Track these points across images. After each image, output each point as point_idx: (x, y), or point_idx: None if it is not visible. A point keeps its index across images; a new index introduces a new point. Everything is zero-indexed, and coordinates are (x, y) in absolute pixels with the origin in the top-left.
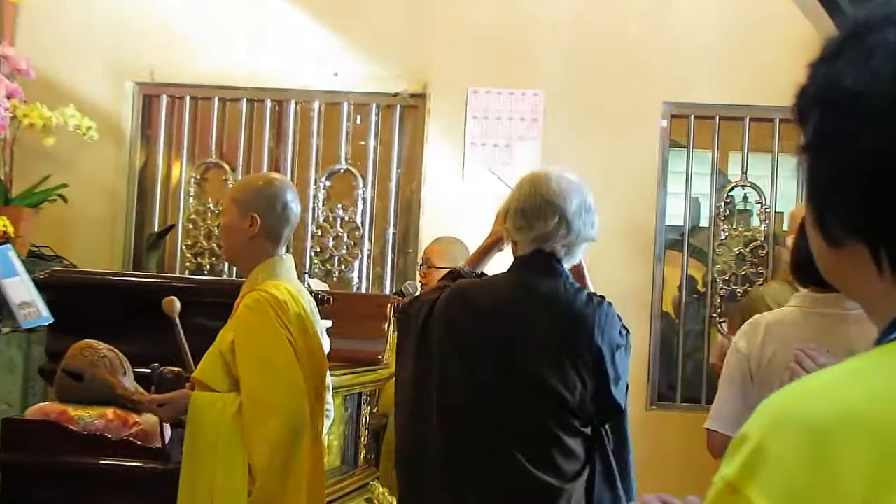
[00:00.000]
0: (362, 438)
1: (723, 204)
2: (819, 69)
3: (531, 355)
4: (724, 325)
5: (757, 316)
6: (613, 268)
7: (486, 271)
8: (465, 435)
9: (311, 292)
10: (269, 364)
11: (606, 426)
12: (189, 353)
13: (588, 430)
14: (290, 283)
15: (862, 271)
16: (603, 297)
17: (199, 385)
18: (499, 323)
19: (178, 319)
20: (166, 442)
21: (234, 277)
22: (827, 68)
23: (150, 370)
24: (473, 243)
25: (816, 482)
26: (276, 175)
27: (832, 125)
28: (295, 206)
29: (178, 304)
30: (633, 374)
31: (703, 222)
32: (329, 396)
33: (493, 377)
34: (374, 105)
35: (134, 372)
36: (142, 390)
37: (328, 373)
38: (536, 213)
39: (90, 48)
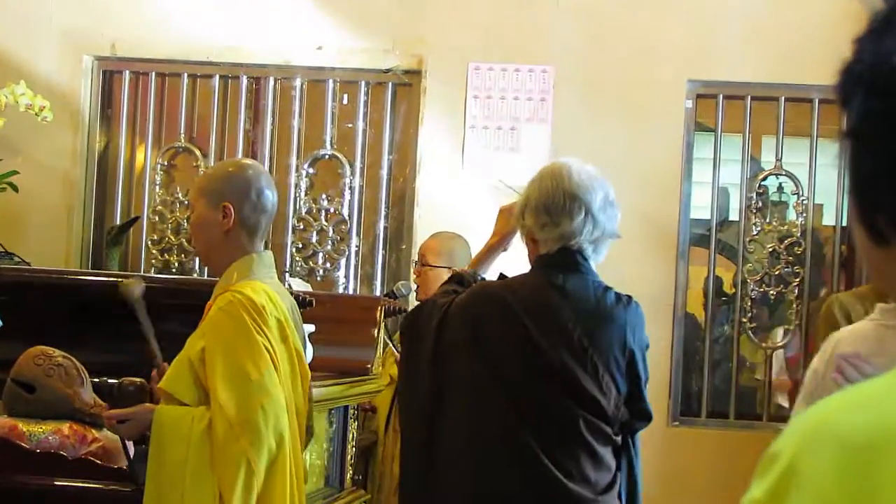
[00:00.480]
0: (349, 457)
1: (755, 195)
2: (865, 45)
3: (563, 358)
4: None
5: (834, 332)
6: (631, 266)
7: (485, 275)
8: (495, 445)
9: (291, 293)
10: (244, 375)
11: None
12: (157, 347)
13: (619, 440)
14: (268, 284)
15: None
16: (630, 297)
17: (165, 397)
18: (529, 325)
19: (139, 305)
20: (130, 460)
21: (206, 276)
22: (874, 44)
23: (113, 381)
24: (474, 238)
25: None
26: (247, 160)
27: (880, 108)
28: (271, 194)
29: (139, 288)
30: (652, 386)
31: (733, 215)
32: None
33: (524, 381)
34: (363, 83)
35: (93, 382)
36: (102, 403)
37: (310, 385)
38: (561, 209)
39: (43, 18)
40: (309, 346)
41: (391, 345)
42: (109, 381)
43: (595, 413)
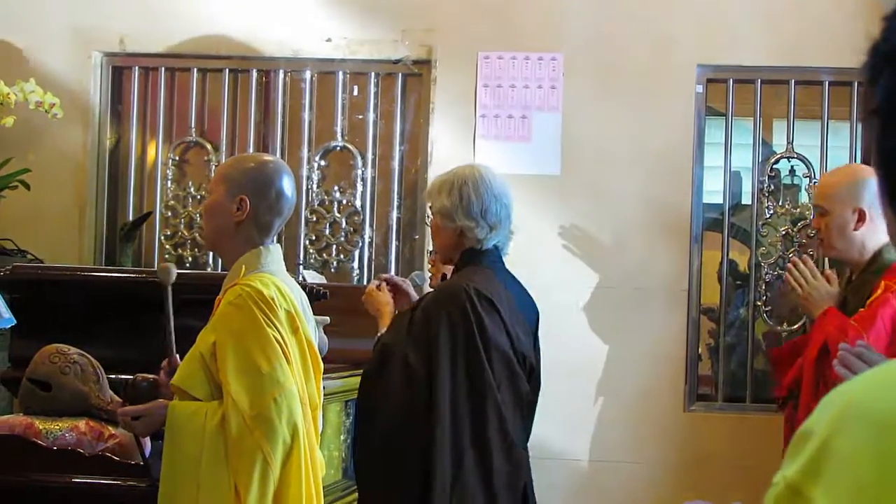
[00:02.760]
0: None
1: (767, 178)
2: (893, 24)
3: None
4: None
5: None
6: (644, 252)
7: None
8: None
9: (305, 285)
10: (256, 368)
11: None
12: (173, 339)
13: None
14: (277, 276)
15: None
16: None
17: (178, 393)
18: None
19: (168, 292)
20: (146, 456)
21: (219, 271)
22: None
23: (127, 378)
24: None
25: (888, 482)
26: (272, 158)
27: None
28: (290, 196)
29: (174, 271)
30: (667, 372)
31: (745, 199)
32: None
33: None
34: (373, 74)
35: (109, 379)
36: (119, 399)
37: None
38: (505, 212)
39: (52, 15)
40: (324, 338)
41: None
42: (123, 377)
43: None
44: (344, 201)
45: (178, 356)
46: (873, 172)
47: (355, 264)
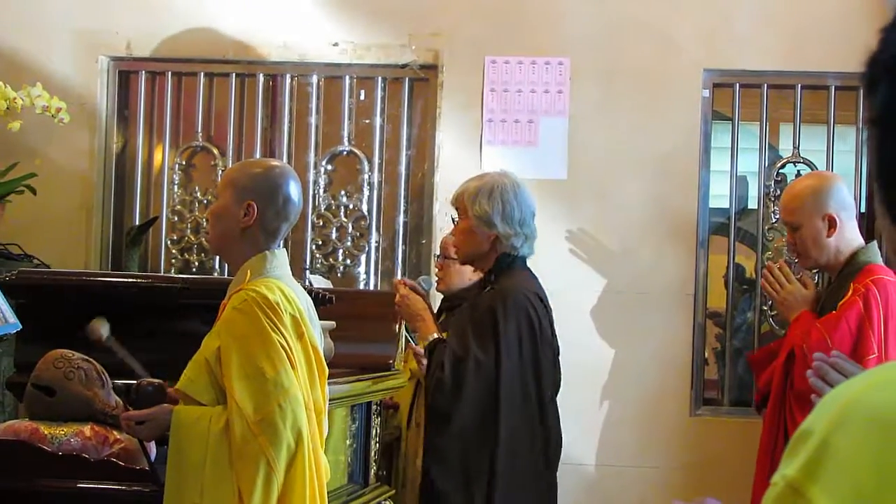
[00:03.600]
0: (373, 454)
1: (773, 182)
2: (891, 35)
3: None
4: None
5: None
6: (651, 256)
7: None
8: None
9: (311, 290)
10: (260, 373)
11: None
12: (144, 373)
13: None
14: (282, 281)
15: None
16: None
17: (183, 398)
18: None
19: (109, 342)
20: (152, 461)
21: (226, 276)
22: None
23: (131, 382)
24: None
25: (888, 481)
26: (279, 163)
27: None
28: (297, 201)
29: (105, 327)
30: (673, 376)
31: (752, 203)
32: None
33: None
34: (380, 78)
35: (114, 384)
36: (123, 405)
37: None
38: (534, 224)
39: (58, 19)
40: (329, 342)
41: (411, 340)
42: (128, 381)
43: None
44: (350, 206)
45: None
46: (833, 178)
47: (361, 269)
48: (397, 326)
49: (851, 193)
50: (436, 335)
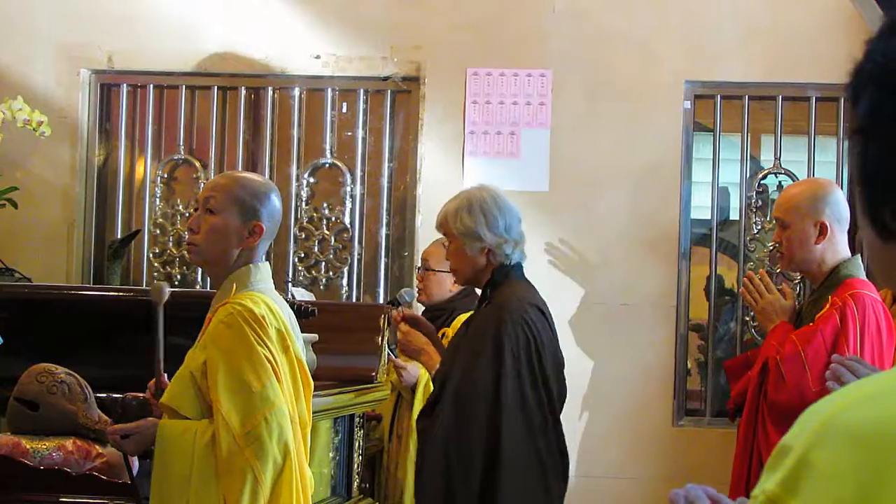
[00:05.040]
0: (356, 466)
1: (754, 193)
2: (876, 46)
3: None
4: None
5: None
6: (633, 267)
7: None
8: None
9: (294, 303)
10: (246, 387)
11: None
12: (162, 358)
13: None
14: (267, 294)
15: None
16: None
17: (168, 412)
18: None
19: (161, 310)
20: (134, 475)
21: (208, 289)
22: (884, 44)
23: (117, 397)
24: None
25: (866, 498)
26: (269, 180)
27: (888, 105)
28: (281, 218)
29: (167, 291)
30: (656, 387)
31: (734, 214)
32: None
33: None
34: (362, 91)
35: (97, 398)
36: (106, 419)
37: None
38: (521, 228)
39: (40, 33)
40: (312, 355)
41: (391, 353)
42: (113, 396)
43: None
44: (333, 218)
45: (165, 376)
46: (834, 188)
47: (344, 281)
48: (380, 339)
49: None
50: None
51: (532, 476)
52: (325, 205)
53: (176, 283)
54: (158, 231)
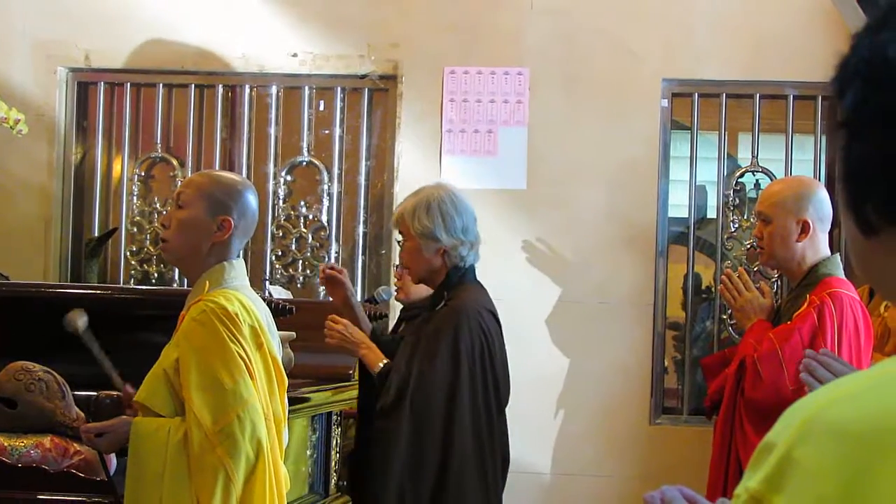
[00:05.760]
0: (333, 464)
1: (732, 192)
2: (862, 40)
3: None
4: None
5: None
6: (610, 266)
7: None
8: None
9: (271, 301)
10: (218, 384)
11: None
12: (114, 372)
13: None
14: (241, 292)
15: None
16: None
17: (142, 410)
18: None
19: (86, 334)
20: (111, 473)
21: (185, 287)
22: (870, 38)
23: (92, 394)
24: None
25: (849, 495)
26: (244, 178)
27: (873, 99)
28: (257, 217)
29: (83, 319)
30: (633, 386)
31: (711, 213)
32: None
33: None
34: (339, 89)
35: (74, 396)
36: (84, 416)
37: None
38: (477, 230)
39: (16, 31)
40: (289, 353)
41: None
42: (89, 393)
43: None
44: (310, 216)
45: (128, 385)
46: (820, 187)
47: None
48: None
49: None
50: (385, 361)
51: (478, 476)
52: (302, 203)
53: (153, 281)
54: (136, 229)
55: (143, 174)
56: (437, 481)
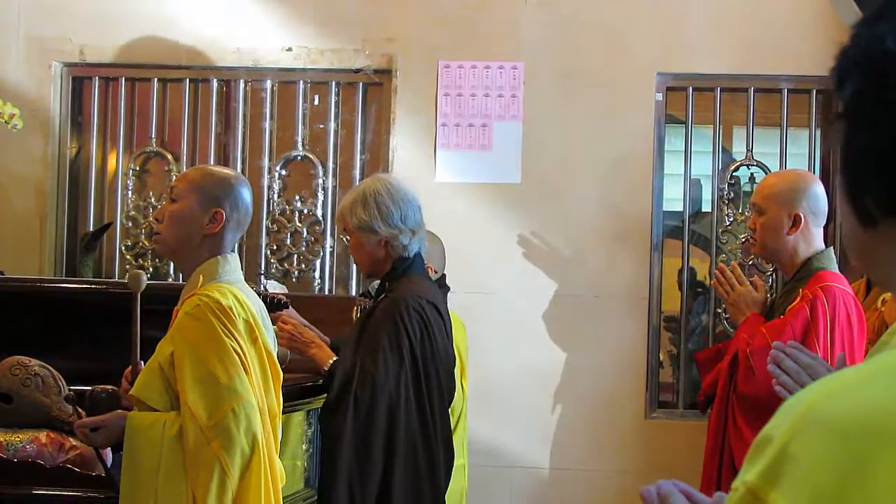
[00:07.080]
0: None
1: (727, 185)
2: (861, 31)
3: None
4: None
5: None
6: (604, 260)
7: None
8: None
9: (266, 295)
10: (213, 378)
11: None
12: (138, 347)
13: None
14: (235, 286)
15: None
16: None
17: (137, 404)
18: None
19: (139, 298)
20: (107, 467)
21: (181, 281)
22: (869, 30)
23: (87, 389)
24: (447, 236)
25: (845, 488)
26: (236, 171)
27: (872, 90)
28: (251, 210)
29: (144, 279)
30: (628, 380)
31: (706, 206)
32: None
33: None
34: (334, 83)
35: (71, 391)
36: (81, 411)
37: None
38: (420, 216)
39: (11, 26)
40: (284, 347)
41: None
42: (85, 388)
43: None
44: (305, 211)
45: (142, 363)
46: (815, 181)
47: (317, 274)
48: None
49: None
50: (334, 359)
51: (426, 468)
52: (297, 197)
53: (149, 275)
54: (131, 224)
55: (137, 169)
56: (383, 475)
